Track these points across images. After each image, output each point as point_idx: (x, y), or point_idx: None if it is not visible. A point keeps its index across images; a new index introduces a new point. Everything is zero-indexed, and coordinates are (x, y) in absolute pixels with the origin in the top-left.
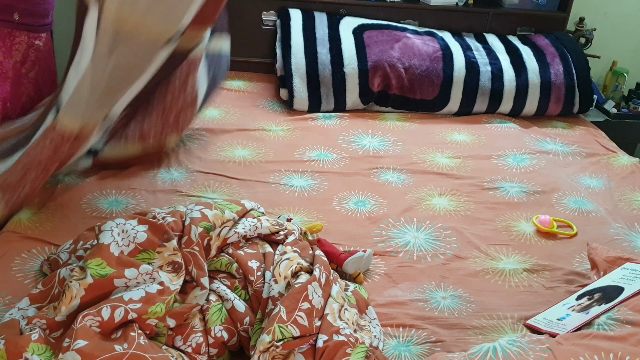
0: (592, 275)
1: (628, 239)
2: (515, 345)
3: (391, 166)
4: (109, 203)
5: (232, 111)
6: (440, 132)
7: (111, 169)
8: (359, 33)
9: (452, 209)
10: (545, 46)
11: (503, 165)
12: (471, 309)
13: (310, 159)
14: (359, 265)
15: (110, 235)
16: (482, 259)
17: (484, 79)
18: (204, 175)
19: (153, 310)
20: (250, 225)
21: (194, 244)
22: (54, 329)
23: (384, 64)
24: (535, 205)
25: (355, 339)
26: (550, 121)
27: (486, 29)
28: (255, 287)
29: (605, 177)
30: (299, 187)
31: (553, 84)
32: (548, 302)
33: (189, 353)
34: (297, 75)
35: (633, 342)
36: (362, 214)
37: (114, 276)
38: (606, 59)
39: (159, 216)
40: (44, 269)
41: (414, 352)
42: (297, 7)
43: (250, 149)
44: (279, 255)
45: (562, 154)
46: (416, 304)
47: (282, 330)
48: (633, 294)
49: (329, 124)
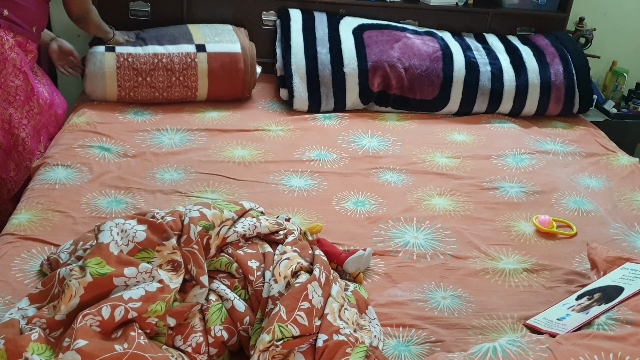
0: (592, 275)
1: (628, 239)
2: (515, 345)
3: (391, 166)
4: (109, 203)
5: (232, 111)
6: (440, 132)
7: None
8: (359, 33)
9: (452, 209)
10: (545, 46)
11: (503, 165)
12: (471, 309)
13: (309, 159)
14: (359, 264)
15: (109, 235)
16: (482, 259)
17: (483, 79)
18: (204, 176)
19: (153, 309)
20: (250, 224)
21: (193, 242)
22: (53, 329)
23: (384, 64)
24: (535, 205)
25: (355, 339)
26: (550, 121)
27: (486, 29)
28: (255, 286)
29: (605, 177)
30: (299, 187)
31: (553, 84)
32: (548, 302)
33: (189, 353)
34: (297, 75)
35: (633, 342)
36: (362, 214)
37: (114, 275)
38: (606, 59)
39: (158, 216)
40: (44, 269)
41: (414, 352)
42: (297, 7)
43: (249, 149)
44: (278, 254)
45: (562, 154)
46: (416, 303)
47: (282, 330)
48: (633, 294)
49: (328, 124)
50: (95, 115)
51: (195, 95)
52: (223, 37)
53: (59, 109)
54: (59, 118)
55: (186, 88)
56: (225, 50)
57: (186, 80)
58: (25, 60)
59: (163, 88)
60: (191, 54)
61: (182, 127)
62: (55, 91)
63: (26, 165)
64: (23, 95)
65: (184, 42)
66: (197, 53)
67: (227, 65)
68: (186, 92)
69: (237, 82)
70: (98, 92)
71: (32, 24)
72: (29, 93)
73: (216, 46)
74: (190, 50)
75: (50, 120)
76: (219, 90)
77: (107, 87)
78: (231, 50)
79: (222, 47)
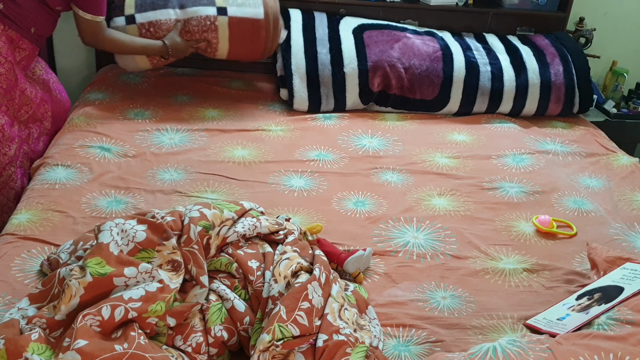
0: (592, 275)
1: (628, 239)
2: (515, 345)
3: (391, 166)
4: (109, 203)
5: (232, 111)
6: (440, 132)
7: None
8: (359, 33)
9: (452, 209)
10: (545, 46)
11: (503, 165)
12: (471, 309)
13: (309, 159)
14: (359, 264)
15: (109, 235)
16: (482, 259)
17: (483, 79)
18: (204, 176)
19: (153, 309)
20: (250, 224)
21: (193, 242)
22: (53, 329)
23: (384, 64)
24: (535, 205)
25: (355, 339)
26: (550, 121)
27: (486, 29)
28: (255, 286)
29: (605, 177)
30: (299, 187)
31: (553, 84)
32: (548, 302)
33: (189, 353)
34: (297, 75)
35: (633, 342)
36: (362, 214)
37: (114, 275)
38: (606, 59)
39: (158, 216)
40: (44, 269)
41: (414, 352)
42: (297, 7)
43: (249, 149)
44: (278, 254)
45: (562, 154)
46: (416, 303)
47: (282, 330)
48: (633, 294)
49: (328, 124)
50: (95, 115)
51: (215, 53)
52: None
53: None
54: (57, 115)
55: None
56: (247, 16)
57: (206, 39)
58: (11, 52)
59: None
60: (211, 16)
61: (182, 127)
62: (59, 89)
63: (5, 152)
64: (5, 83)
65: (205, 3)
66: (218, 16)
67: (249, 32)
68: (206, 48)
69: (257, 47)
70: (130, 64)
71: (29, 25)
72: (12, 83)
73: (238, 10)
74: (211, 12)
75: (45, 115)
76: (239, 53)
77: (137, 58)
78: (254, 15)
79: (244, 12)
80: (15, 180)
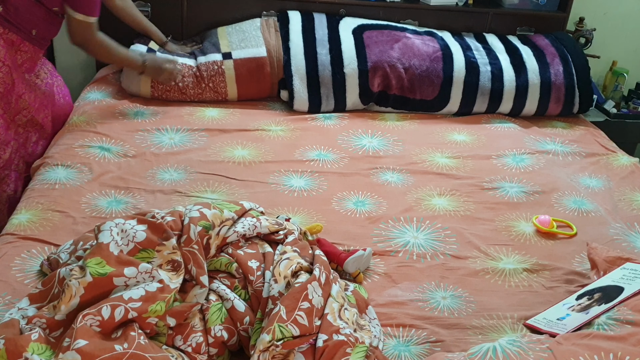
0: (592, 275)
1: (628, 239)
2: (515, 345)
3: (391, 166)
4: (109, 203)
5: (232, 111)
6: (440, 132)
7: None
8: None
9: (452, 209)
10: (545, 46)
11: (503, 165)
12: (471, 309)
13: (309, 159)
14: (359, 264)
15: (109, 235)
16: (482, 259)
17: (483, 79)
18: (204, 176)
19: (153, 309)
20: (250, 224)
21: (193, 242)
22: (53, 329)
23: (384, 64)
24: (535, 205)
25: (355, 339)
26: (550, 121)
27: (486, 29)
28: (255, 286)
29: (605, 177)
30: (299, 187)
31: (553, 84)
32: (548, 302)
33: (189, 353)
34: (297, 76)
35: (633, 342)
36: (362, 214)
37: (114, 275)
38: (606, 59)
39: (158, 216)
40: (44, 269)
41: (414, 352)
42: (296, 8)
43: (249, 149)
44: (278, 254)
45: (562, 154)
46: (416, 303)
47: (282, 330)
48: (633, 294)
49: (328, 124)
50: (95, 115)
51: (226, 98)
52: (249, 41)
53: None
54: (59, 119)
55: (216, 93)
56: (251, 56)
57: (215, 86)
58: (10, 55)
59: (194, 94)
60: (217, 61)
61: (182, 127)
62: (63, 93)
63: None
64: (2, 87)
65: (212, 51)
66: (224, 60)
67: (254, 70)
68: (217, 97)
69: (264, 84)
70: (133, 87)
71: (30, 27)
72: (9, 87)
73: (242, 52)
74: (217, 58)
75: (45, 120)
76: (248, 93)
77: (142, 85)
78: (257, 54)
79: (247, 53)
80: (9, 184)
